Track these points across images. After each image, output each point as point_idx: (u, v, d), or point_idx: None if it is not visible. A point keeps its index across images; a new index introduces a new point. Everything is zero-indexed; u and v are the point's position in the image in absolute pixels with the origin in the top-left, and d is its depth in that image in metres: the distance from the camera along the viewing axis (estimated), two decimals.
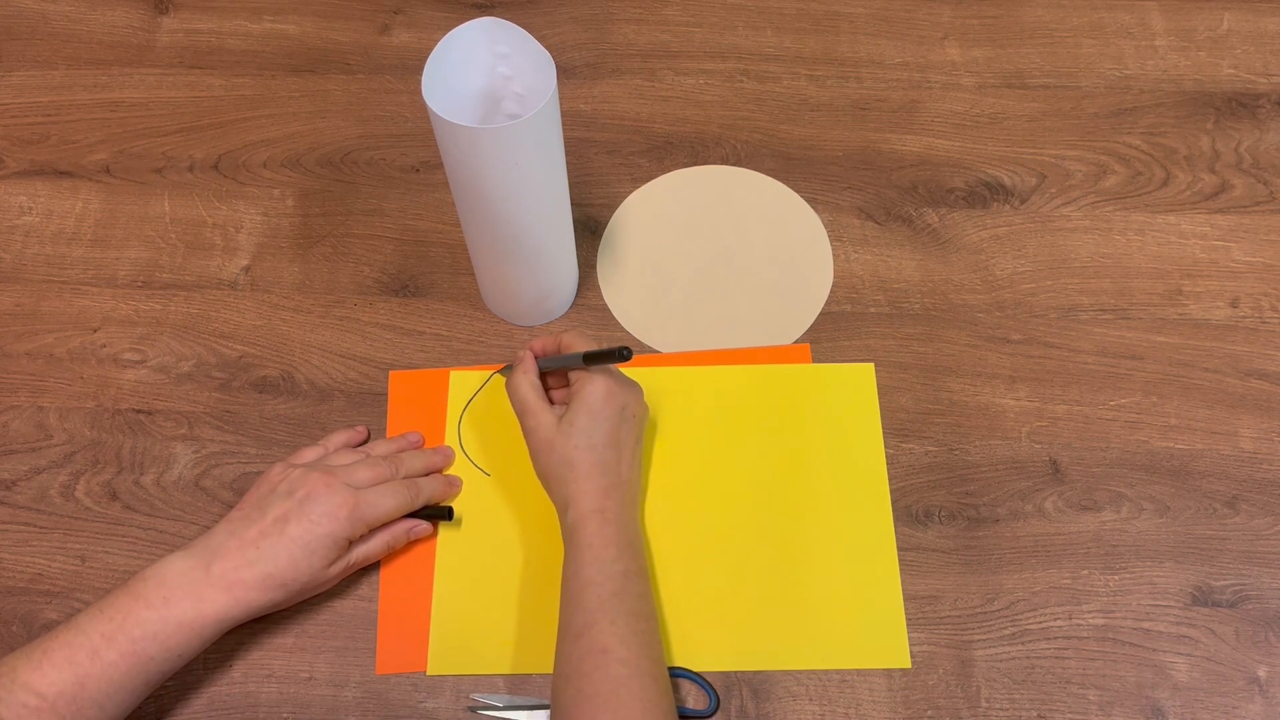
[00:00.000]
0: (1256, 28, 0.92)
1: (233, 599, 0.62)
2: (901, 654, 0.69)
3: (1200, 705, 0.67)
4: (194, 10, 0.94)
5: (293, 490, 0.65)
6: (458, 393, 0.77)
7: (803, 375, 0.77)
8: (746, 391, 0.77)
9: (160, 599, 0.61)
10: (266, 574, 0.63)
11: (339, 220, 0.84)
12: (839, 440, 0.75)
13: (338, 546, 0.65)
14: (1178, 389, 0.77)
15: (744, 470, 0.74)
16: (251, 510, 0.65)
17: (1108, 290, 0.81)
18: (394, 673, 0.68)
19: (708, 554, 0.72)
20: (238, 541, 0.63)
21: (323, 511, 0.64)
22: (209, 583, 0.62)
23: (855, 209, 0.84)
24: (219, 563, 0.62)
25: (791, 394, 0.76)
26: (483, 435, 0.75)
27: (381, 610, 0.70)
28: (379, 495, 0.67)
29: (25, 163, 0.87)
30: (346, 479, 0.67)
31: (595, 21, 0.93)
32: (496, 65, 0.66)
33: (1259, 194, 0.84)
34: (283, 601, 0.65)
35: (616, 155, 0.87)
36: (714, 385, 0.77)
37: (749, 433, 0.75)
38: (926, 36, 0.92)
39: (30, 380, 0.78)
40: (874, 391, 0.77)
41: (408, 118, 0.89)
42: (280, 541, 0.63)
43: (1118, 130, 0.88)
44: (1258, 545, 0.72)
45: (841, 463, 0.74)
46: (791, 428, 0.75)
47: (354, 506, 0.65)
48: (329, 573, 0.66)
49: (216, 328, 0.80)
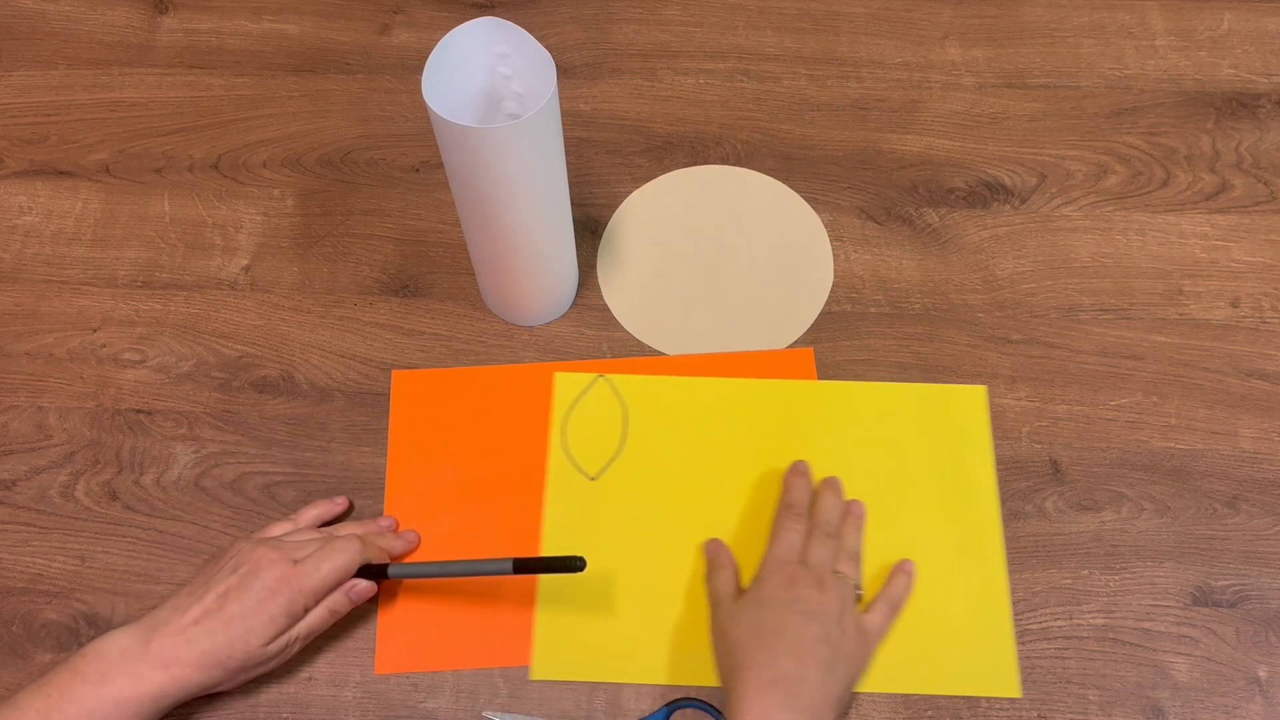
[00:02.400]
0: (1257, 28, 0.92)
1: (170, 677, 0.60)
2: (1010, 683, 0.67)
3: (1200, 705, 0.67)
4: (194, 10, 0.94)
5: (238, 566, 0.64)
6: (562, 393, 0.76)
7: (912, 395, 0.76)
8: (851, 408, 0.75)
9: (98, 675, 0.59)
10: (203, 652, 0.61)
11: (339, 220, 0.84)
12: (948, 462, 0.74)
13: (275, 623, 0.63)
14: (1178, 389, 0.77)
15: (850, 488, 0.73)
16: (198, 585, 0.64)
17: (1108, 290, 0.81)
18: (393, 673, 0.68)
19: None
20: (179, 618, 0.62)
21: (261, 585, 0.63)
22: (146, 660, 0.60)
23: (855, 209, 0.84)
24: (158, 640, 0.61)
25: (899, 413, 0.75)
26: (584, 438, 0.75)
27: (381, 610, 0.70)
28: (315, 561, 0.65)
29: (25, 163, 0.87)
30: (294, 554, 0.65)
31: (595, 21, 0.93)
32: (496, 65, 0.66)
33: (1259, 194, 0.84)
34: (222, 681, 0.63)
35: (616, 155, 0.87)
36: (818, 400, 0.76)
37: (853, 449, 0.74)
38: (926, 36, 0.92)
39: (30, 380, 0.78)
40: (985, 413, 0.75)
41: (408, 118, 0.89)
42: (218, 619, 0.62)
43: (1118, 130, 0.88)
44: (1258, 545, 0.72)
45: (950, 486, 0.73)
46: (898, 446, 0.74)
47: (290, 580, 0.63)
48: (267, 650, 0.63)
49: (216, 328, 0.80)
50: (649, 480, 0.73)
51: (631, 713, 0.67)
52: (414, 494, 0.74)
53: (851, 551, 0.69)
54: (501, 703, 0.68)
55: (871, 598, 0.68)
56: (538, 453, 0.75)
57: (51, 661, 0.68)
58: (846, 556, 0.68)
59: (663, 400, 0.76)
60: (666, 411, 0.76)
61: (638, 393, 0.76)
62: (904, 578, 0.69)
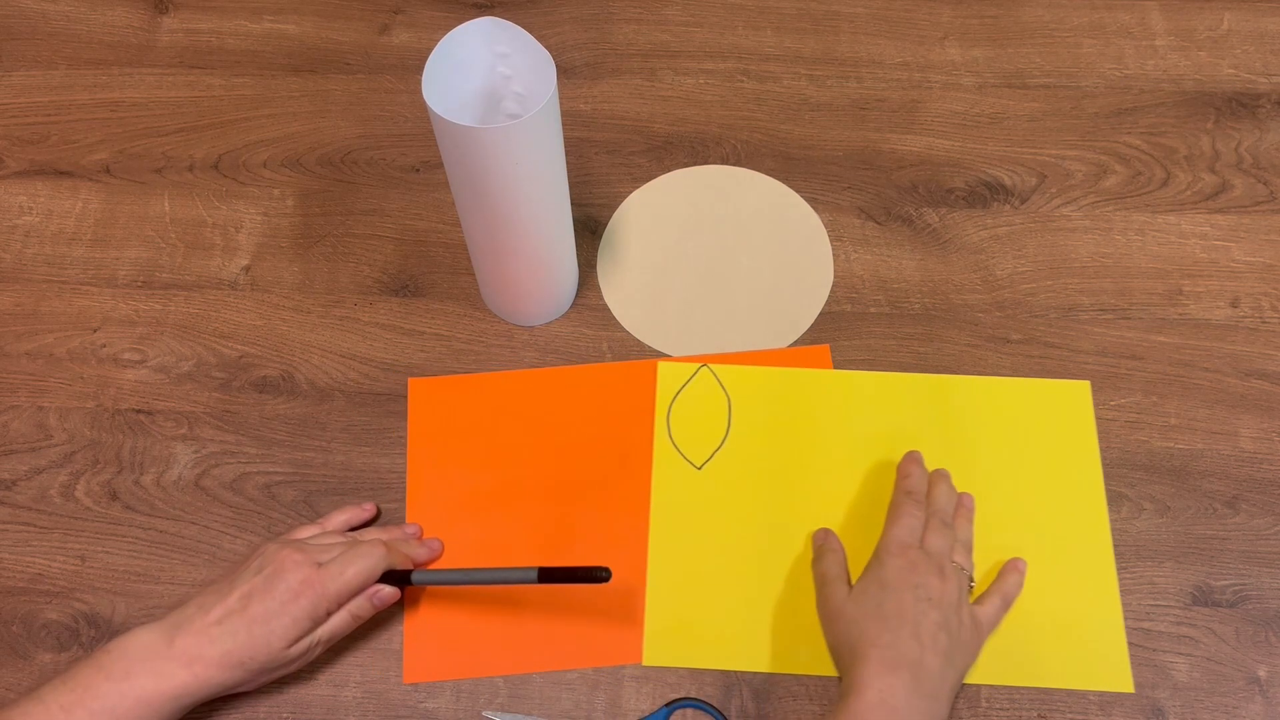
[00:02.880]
0: (1256, 28, 0.92)
1: (192, 676, 0.61)
2: (1123, 678, 0.67)
3: (1200, 705, 0.67)
4: (194, 10, 0.94)
5: (263, 567, 0.64)
6: (666, 384, 0.77)
7: (1016, 389, 0.76)
8: (954, 401, 0.76)
9: (121, 672, 0.60)
10: (225, 651, 0.61)
11: (339, 220, 0.84)
12: (1054, 457, 0.74)
13: (298, 625, 0.63)
14: (1178, 389, 0.77)
15: (954, 482, 0.72)
16: (224, 584, 0.64)
17: (1108, 290, 0.81)
18: (422, 681, 0.68)
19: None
20: (203, 617, 0.62)
21: (285, 588, 0.63)
22: (170, 657, 0.60)
23: (855, 209, 0.84)
24: (182, 638, 0.61)
25: (1003, 407, 0.75)
26: (689, 427, 0.75)
27: (406, 619, 0.69)
28: (340, 565, 0.65)
29: (25, 163, 0.87)
30: (318, 557, 0.65)
31: (595, 21, 0.93)
32: (496, 65, 0.66)
33: (1259, 194, 0.84)
34: (243, 681, 0.63)
35: (616, 155, 0.87)
36: (922, 393, 0.76)
37: (959, 443, 0.74)
38: (926, 36, 0.92)
39: (30, 380, 0.78)
40: (1090, 408, 0.75)
41: (408, 118, 0.89)
42: (241, 620, 0.62)
43: (1118, 130, 0.88)
44: (1258, 545, 0.72)
45: (1056, 481, 0.73)
46: (1004, 441, 0.74)
47: (314, 583, 0.63)
48: (289, 653, 0.63)
49: (216, 328, 0.80)
50: (754, 469, 0.74)
51: (631, 713, 0.67)
52: (437, 501, 0.73)
53: (966, 542, 0.70)
54: (501, 703, 0.68)
55: (982, 591, 0.69)
56: (552, 458, 0.75)
57: (52, 661, 0.69)
58: (962, 546, 0.69)
59: (765, 390, 0.76)
60: (770, 401, 0.76)
61: (740, 382, 0.76)
62: (1016, 575, 0.69)
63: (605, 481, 0.74)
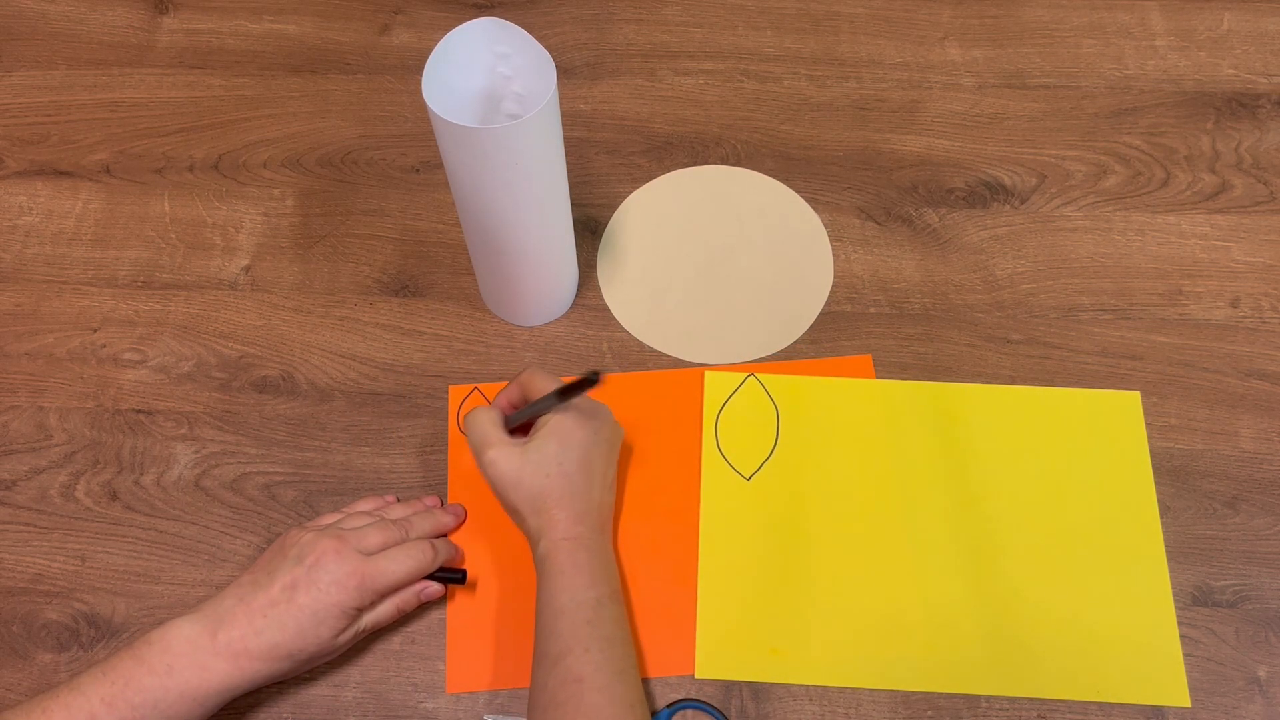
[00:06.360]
0: (1256, 28, 0.92)
1: (237, 669, 0.60)
2: (1179, 692, 0.67)
3: (1200, 705, 0.67)
4: (194, 10, 0.94)
5: (302, 556, 0.63)
6: (713, 393, 0.76)
7: (1066, 400, 0.76)
8: (1004, 412, 0.75)
9: (164, 666, 0.59)
10: (273, 644, 0.61)
11: (339, 220, 0.84)
12: (1106, 468, 0.73)
13: (346, 616, 0.63)
14: (1178, 389, 0.77)
15: (1004, 494, 0.72)
16: (261, 575, 0.63)
17: (1108, 290, 0.81)
18: (465, 691, 0.68)
19: (966, 576, 0.70)
20: (245, 609, 0.61)
21: (331, 580, 0.62)
22: (214, 651, 0.60)
23: (855, 209, 0.84)
24: (225, 631, 0.60)
25: (1053, 418, 0.75)
26: (737, 438, 0.75)
27: (450, 628, 0.69)
28: (389, 561, 0.65)
29: (25, 163, 0.87)
30: (357, 544, 0.64)
31: (595, 21, 0.93)
32: (496, 65, 0.66)
33: (1259, 194, 0.84)
34: (289, 671, 0.63)
35: (616, 155, 0.87)
36: (970, 403, 0.76)
37: (1008, 454, 0.74)
38: (926, 36, 0.92)
39: (30, 380, 0.78)
40: (1140, 419, 0.75)
41: (408, 118, 0.89)
42: (288, 611, 0.61)
43: (1118, 130, 0.88)
44: (1258, 545, 0.72)
45: (1108, 492, 0.73)
46: (1054, 452, 0.74)
47: (363, 576, 0.63)
48: (337, 642, 0.64)
49: (216, 328, 0.80)
50: (804, 480, 0.73)
51: None
52: (475, 509, 0.73)
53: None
54: (501, 704, 0.68)
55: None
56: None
57: (51, 662, 0.69)
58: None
59: (812, 400, 0.76)
60: (817, 412, 0.75)
61: (787, 392, 0.76)
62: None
63: (652, 492, 0.73)
